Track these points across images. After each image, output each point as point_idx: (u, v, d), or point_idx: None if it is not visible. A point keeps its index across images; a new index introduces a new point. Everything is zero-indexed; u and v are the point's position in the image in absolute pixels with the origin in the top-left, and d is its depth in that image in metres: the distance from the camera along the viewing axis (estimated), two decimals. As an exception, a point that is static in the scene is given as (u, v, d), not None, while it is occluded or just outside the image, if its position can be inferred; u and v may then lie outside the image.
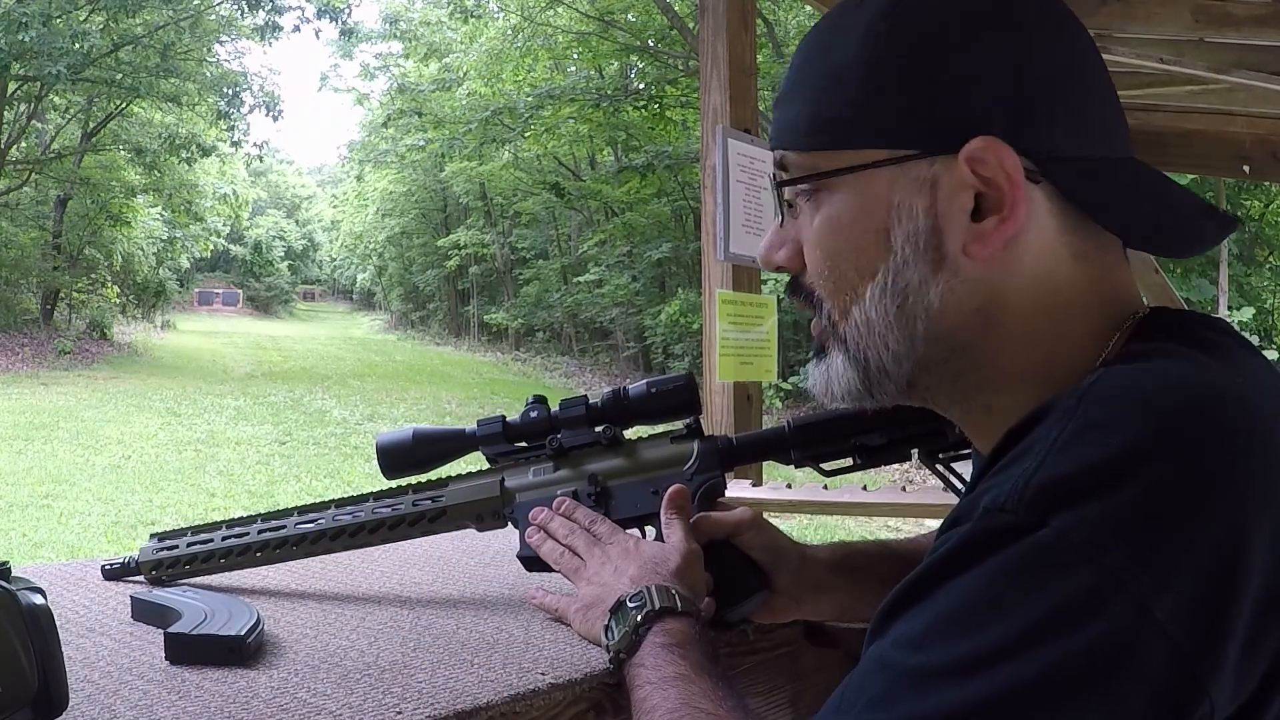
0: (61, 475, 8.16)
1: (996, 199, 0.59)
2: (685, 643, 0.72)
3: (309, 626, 0.86)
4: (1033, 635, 0.45)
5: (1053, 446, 0.49)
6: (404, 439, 0.94)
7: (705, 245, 2.87)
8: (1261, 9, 3.08)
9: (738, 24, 2.83)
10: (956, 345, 0.62)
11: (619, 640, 0.74)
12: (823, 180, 0.63)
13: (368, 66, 27.24)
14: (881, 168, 0.61)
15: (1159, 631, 0.44)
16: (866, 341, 0.64)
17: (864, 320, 0.63)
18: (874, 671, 0.50)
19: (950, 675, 0.46)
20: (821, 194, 0.64)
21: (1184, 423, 0.48)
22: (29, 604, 0.59)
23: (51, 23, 15.03)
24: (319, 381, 16.86)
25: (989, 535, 0.48)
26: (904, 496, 2.45)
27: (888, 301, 0.62)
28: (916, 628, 0.49)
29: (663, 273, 20.10)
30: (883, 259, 0.62)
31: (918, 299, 0.61)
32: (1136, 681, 0.44)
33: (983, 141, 0.58)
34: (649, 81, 17.95)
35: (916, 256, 0.61)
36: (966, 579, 0.48)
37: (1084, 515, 0.46)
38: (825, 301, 0.66)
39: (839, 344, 0.65)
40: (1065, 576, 0.45)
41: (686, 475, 0.90)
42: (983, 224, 0.59)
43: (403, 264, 32.20)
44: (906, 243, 0.61)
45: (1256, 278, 12.62)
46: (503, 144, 19.90)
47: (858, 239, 0.63)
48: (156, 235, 23.20)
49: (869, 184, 0.62)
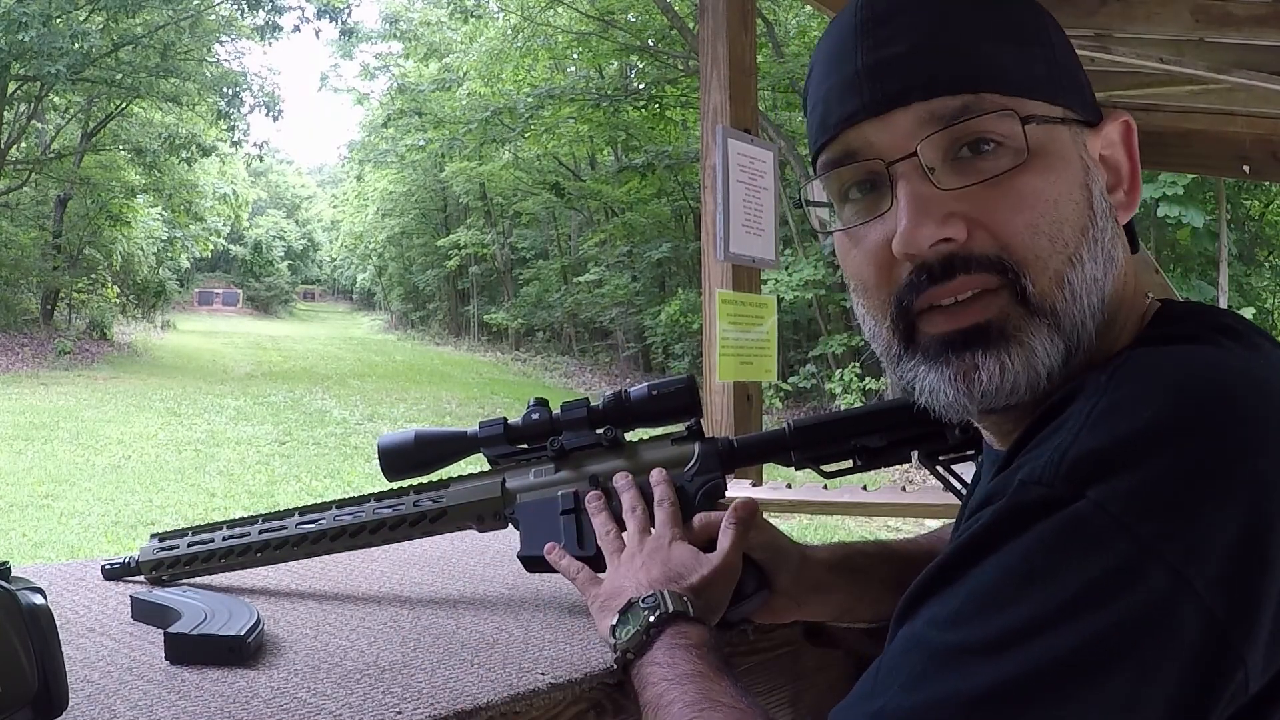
0: (61, 475, 8.15)
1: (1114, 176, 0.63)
2: (701, 645, 0.70)
3: (309, 626, 0.86)
4: (1071, 607, 0.45)
5: (1086, 421, 0.49)
6: (406, 441, 0.94)
7: (705, 245, 2.88)
8: (1261, 9, 3.08)
9: (738, 24, 2.83)
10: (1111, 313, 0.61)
11: (628, 639, 0.73)
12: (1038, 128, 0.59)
13: (368, 66, 27.27)
14: (1072, 125, 0.61)
15: (1195, 600, 0.44)
16: (1075, 307, 0.58)
17: (1079, 281, 0.58)
18: (908, 652, 0.50)
19: (988, 652, 0.46)
20: (1012, 150, 0.59)
21: (1212, 398, 0.48)
22: (29, 604, 0.59)
23: (51, 23, 15.03)
24: (319, 381, 16.86)
25: (1025, 508, 0.48)
26: (904, 496, 2.45)
27: (1101, 260, 0.59)
28: (951, 606, 0.49)
29: (663, 273, 20.10)
30: (1090, 216, 0.60)
31: (1110, 257, 0.61)
32: (1174, 650, 0.44)
33: (1124, 118, 0.62)
34: (649, 81, 17.94)
35: (1107, 214, 0.61)
36: (1002, 554, 0.48)
37: (1118, 487, 0.46)
38: (1028, 269, 0.58)
39: (1040, 317, 0.58)
40: (1102, 548, 0.45)
41: (687, 476, 0.90)
42: (1116, 195, 0.62)
43: (403, 264, 32.19)
44: (1101, 198, 0.61)
45: (1256, 278, 12.62)
46: (503, 144, 19.91)
47: (1073, 194, 0.60)
48: (156, 235, 23.21)
49: (1066, 140, 0.61)
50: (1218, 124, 4.40)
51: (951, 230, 0.58)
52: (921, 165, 0.59)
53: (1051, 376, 0.59)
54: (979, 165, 0.59)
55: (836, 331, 14.50)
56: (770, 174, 2.93)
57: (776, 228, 2.99)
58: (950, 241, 0.59)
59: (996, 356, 0.58)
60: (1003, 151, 0.59)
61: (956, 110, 0.58)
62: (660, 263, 19.42)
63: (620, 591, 0.79)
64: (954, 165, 0.60)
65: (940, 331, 0.60)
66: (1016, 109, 0.58)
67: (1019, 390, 0.59)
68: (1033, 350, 0.58)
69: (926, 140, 0.59)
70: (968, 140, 0.59)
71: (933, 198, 0.59)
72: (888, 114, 0.60)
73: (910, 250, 0.59)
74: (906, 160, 0.60)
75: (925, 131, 0.59)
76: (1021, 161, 0.58)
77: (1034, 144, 0.58)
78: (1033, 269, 0.58)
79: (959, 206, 0.59)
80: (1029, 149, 0.58)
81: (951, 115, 0.59)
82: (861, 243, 0.64)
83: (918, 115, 0.59)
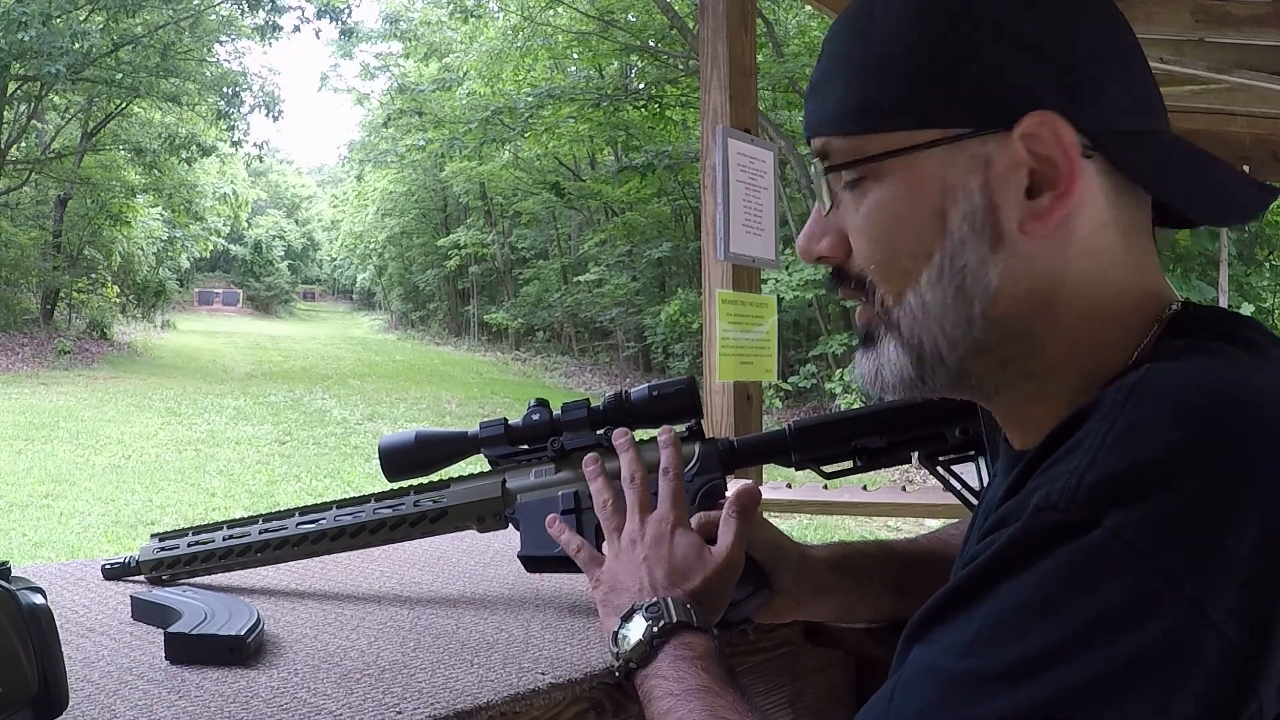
0: (61, 475, 8.16)
1: (1051, 175, 0.58)
2: (706, 656, 0.70)
3: (309, 626, 0.86)
4: (1088, 637, 0.44)
5: (1102, 444, 0.48)
6: (406, 441, 0.94)
7: (705, 245, 2.88)
8: (1261, 9, 3.08)
9: (738, 24, 2.83)
10: (1010, 329, 0.61)
11: (632, 650, 0.72)
12: (874, 164, 0.62)
13: (368, 66, 27.30)
14: (934, 148, 0.60)
15: (1214, 631, 0.44)
16: (921, 326, 0.62)
17: (919, 304, 0.62)
18: (922, 679, 0.49)
19: (1003, 680, 0.45)
20: (869, 179, 0.62)
21: (1231, 422, 0.48)
22: (29, 604, 0.59)
23: (51, 22, 15.04)
24: (319, 381, 16.86)
25: (1041, 534, 0.48)
26: (904, 496, 2.45)
27: (945, 284, 0.60)
28: (966, 633, 0.48)
29: (663, 272, 20.11)
30: (938, 241, 0.60)
31: (975, 280, 0.60)
32: (1191, 681, 0.43)
33: (1038, 117, 0.57)
34: (649, 81, 17.95)
35: (974, 236, 0.60)
36: (1018, 581, 0.48)
37: (1136, 514, 0.46)
38: (877, 288, 0.64)
39: (891, 331, 0.64)
40: (1120, 577, 0.45)
41: (687, 477, 0.90)
42: (1038, 201, 0.58)
43: (403, 264, 32.20)
44: (964, 222, 0.60)
45: (1256, 277, 12.62)
46: (503, 144, 19.91)
47: (912, 222, 0.61)
48: (156, 235, 23.20)
49: (921, 165, 0.60)
50: (1218, 124, 4.40)
51: (826, 250, 0.67)
52: (828, 187, 0.66)
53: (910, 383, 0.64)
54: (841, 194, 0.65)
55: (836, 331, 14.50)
56: (770, 174, 2.93)
57: (777, 228, 2.99)
58: (828, 259, 0.67)
59: (864, 354, 0.67)
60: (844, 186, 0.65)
61: (819, 150, 0.65)
62: (660, 262, 19.43)
63: (621, 586, 0.79)
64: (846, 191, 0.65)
65: None
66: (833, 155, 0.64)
67: (889, 387, 0.65)
68: (885, 355, 0.65)
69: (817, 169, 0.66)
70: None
71: (818, 219, 0.67)
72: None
73: (804, 260, 0.69)
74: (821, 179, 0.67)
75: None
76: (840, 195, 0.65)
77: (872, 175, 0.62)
78: (880, 287, 0.64)
79: (843, 229, 0.66)
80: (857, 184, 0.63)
81: (819, 154, 0.66)
82: None
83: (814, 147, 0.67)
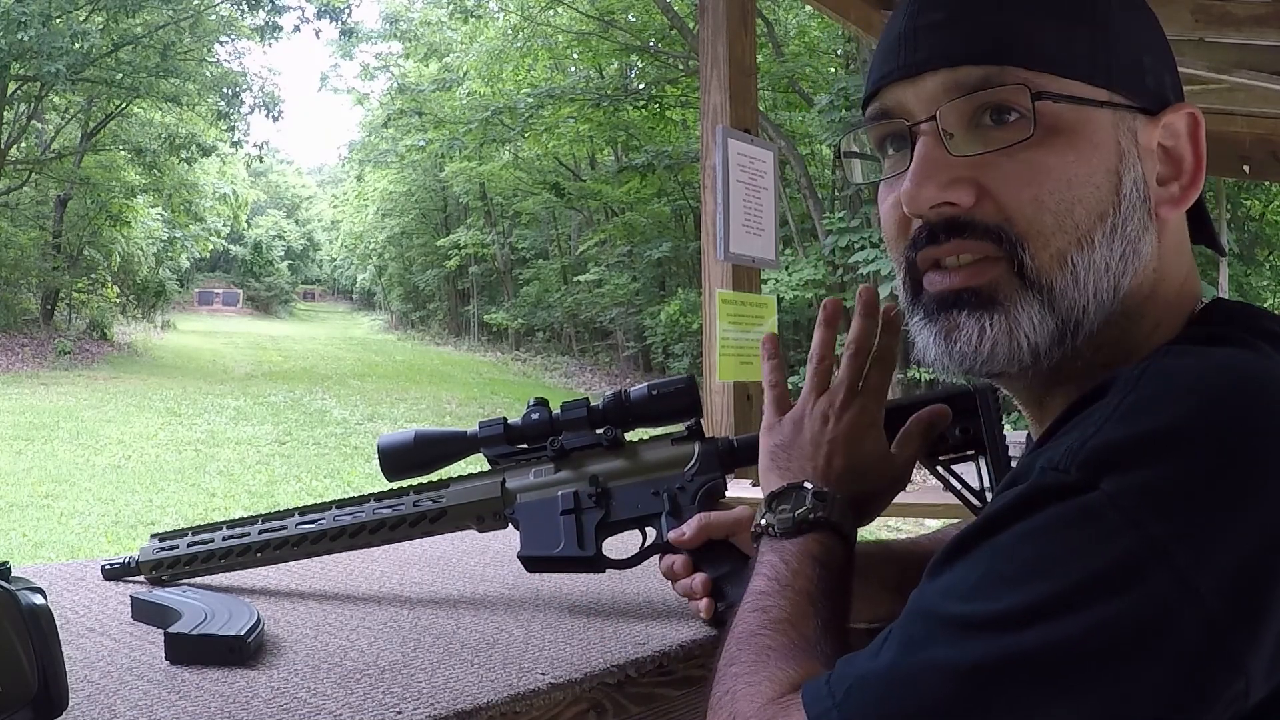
0: (61, 475, 8.16)
1: (1173, 168, 0.61)
2: (830, 564, 0.68)
3: (309, 626, 0.86)
4: (1071, 597, 0.45)
5: (1112, 415, 0.49)
6: (406, 441, 0.94)
7: (705, 245, 2.88)
8: (1261, 9, 3.08)
9: (738, 24, 2.83)
10: (1131, 307, 0.61)
11: (778, 519, 0.71)
12: (1068, 106, 0.59)
13: (368, 66, 27.28)
14: (1112, 109, 0.60)
15: (1197, 603, 0.44)
16: (1076, 289, 0.59)
17: (1086, 264, 0.59)
18: (916, 617, 0.51)
19: (987, 628, 0.47)
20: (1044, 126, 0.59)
21: (1239, 404, 0.48)
22: (29, 604, 0.59)
23: (51, 22, 15.03)
24: (319, 381, 16.86)
25: (1040, 492, 0.49)
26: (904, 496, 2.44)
27: (1116, 245, 0.60)
28: (961, 579, 0.50)
29: (663, 273, 20.10)
30: (1112, 203, 0.60)
31: (1134, 249, 0.60)
32: (1168, 652, 0.44)
33: (1190, 110, 0.60)
34: (649, 81, 17.94)
35: (1140, 204, 0.61)
36: (1013, 533, 0.49)
37: (1133, 481, 0.46)
38: (1028, 242, 0.59)
39: (1034, 291, 0.59)
40: (1108, 541, 0.46)
41: (687, 477, 0.90)
42: (1168, 188, 0.61)
43: (403, 264, 32.18)
44: (1135, 188, 0.60)
45: (1256, 277, 12.62)
46: (503, 144, 19.90)
47: (1095, 177, 0.60)
48: (156, 235, 23.19)
49: (1096, 122, 0.60)
50: (1218, 124, 4.40)
51: (955, 195, 0.60)
52: (939, 129, 0.61)
53: (1038, 354, 0.60)
54: (996, 135, 0.60)
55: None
56: (770, 174, 2.93)
57: (776, 228, 2.99)
58: (954, 206, 0.61)
59: (977, 320, 0.60)
60: (1024, 124, 0.60)
61: (978, 80, 0.60)
62: (660, 262, 19.41)
63: (799, 450, 0.76)
64: (974, 133, 0.61)
65: (937, 290, 0.63)
66: (1035, 84, 0.59)
67: (997, 358, 0.60)
68: (1017, 321, 0.60)
69: (948, 106, 0.61)
70: (990, 109, 0.61)
71: (940, 161, 0.61)
72: (918, 77, 0.62)
73: (911, 210, 0.62)
74: (927, 123, 0.62)
75: (948, 97, 0.61)
76: (1030, 135, 0.59)
77: (1051, 120, 0.59)
78: (1033, 243, 0.59)
79: (969, 173, 0.61)
80: (1038, 125, 0.59)
81: (972, 85, 0.60)
82: (888, 197, 0.66)
83: (943, 81, 0.61)
